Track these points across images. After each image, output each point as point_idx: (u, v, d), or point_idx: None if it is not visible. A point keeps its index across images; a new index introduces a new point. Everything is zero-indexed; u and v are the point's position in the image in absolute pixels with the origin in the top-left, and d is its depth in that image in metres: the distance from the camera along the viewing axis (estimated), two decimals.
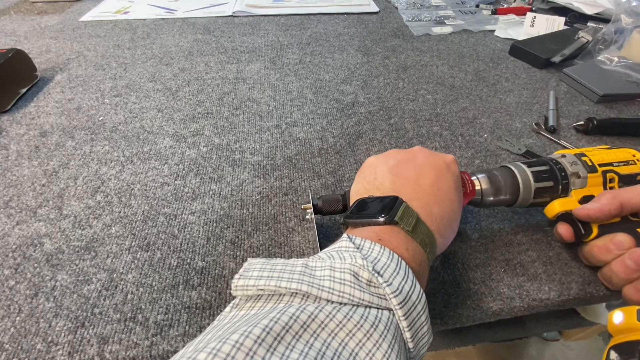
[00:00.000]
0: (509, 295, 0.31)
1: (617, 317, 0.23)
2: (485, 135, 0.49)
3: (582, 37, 0.66)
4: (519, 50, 0.66)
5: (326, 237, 0.36)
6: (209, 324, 0.29)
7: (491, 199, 0.33)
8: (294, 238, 0.36)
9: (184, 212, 0.38)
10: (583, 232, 0.31)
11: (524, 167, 0.33)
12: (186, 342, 0.28)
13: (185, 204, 0.39)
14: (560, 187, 0.32)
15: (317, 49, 0.71)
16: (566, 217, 0.32)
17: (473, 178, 0.33)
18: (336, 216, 0.37)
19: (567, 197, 0.33)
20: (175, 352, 0.28)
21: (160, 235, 0.36)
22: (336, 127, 0.50)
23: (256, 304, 0.21)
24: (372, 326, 0.19)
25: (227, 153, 0.46)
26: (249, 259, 0.23)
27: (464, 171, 0.34)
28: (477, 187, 0.33)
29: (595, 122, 0.47)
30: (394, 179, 0.29)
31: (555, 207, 0.32)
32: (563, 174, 0.33)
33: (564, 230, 0.32)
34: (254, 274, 0.21)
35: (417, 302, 0.22)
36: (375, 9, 0.88)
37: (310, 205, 0.34)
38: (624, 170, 0.33)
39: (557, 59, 0.62)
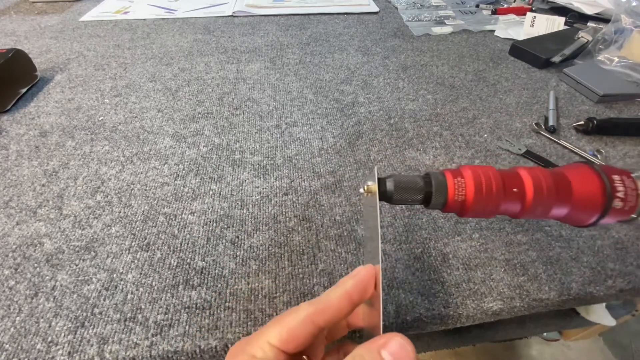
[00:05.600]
0: (509, 295, 0.31)
1: None
2: (485, 135, 0.49)
3: (582, 37, 0.66)
4: (519, 50, 0.66)
5: (327, 238, 0.36)
6: (209, 324, 0.29)
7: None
8: (294, 238, 0.36)
9: (184, 212, 0.38)
10: None
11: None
12: (186, 342, 0.28)
13: (185, 204, 0.39)
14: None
15: (317, 49, 0.71)
16: None
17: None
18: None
19: None
20: (175, 352, 0.28)
21: (160, 235, 0.36)
22: (336, 127, 0.50)
23: None
24: None
25: (227, 153, 0.46)
26: None
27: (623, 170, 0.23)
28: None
29: (595, 122, 0.47)
30: None
31: None
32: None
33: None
34: None
35: None
36: (375, 9, 0.88)
37: (375, 186, 0.22)
38: None
39: (557, 59, 0.62)
